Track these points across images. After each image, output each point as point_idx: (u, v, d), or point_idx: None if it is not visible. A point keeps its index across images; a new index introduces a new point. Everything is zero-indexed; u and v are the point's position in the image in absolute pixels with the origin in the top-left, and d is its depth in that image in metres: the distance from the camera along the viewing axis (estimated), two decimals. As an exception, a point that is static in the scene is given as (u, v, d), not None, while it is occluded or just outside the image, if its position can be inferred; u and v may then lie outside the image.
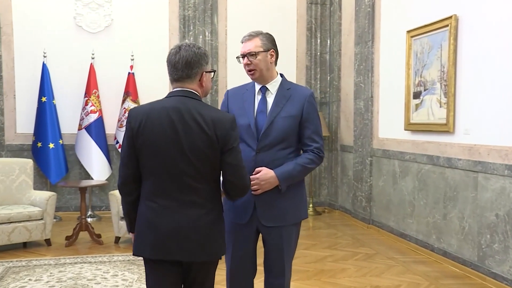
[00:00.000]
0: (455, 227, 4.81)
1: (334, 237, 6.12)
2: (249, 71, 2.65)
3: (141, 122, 2.20)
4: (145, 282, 4.18)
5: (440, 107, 4.99)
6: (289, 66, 7.81)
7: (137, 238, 2.29)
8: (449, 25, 4.83)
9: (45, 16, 7.09)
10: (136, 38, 7.30)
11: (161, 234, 2.20)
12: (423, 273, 4.65)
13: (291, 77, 7.81)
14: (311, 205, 7.54)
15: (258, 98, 2.69)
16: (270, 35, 2.70)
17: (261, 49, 2.61)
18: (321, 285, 4.35)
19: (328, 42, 7.87)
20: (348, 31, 7.23)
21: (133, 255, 2.35)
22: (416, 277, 4.56)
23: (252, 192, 2.56)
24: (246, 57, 2.62)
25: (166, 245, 2.20)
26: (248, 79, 2.76)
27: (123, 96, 7.09)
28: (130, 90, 7.08)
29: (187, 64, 2.24)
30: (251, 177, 2.52)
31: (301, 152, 2.70)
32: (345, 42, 7.39)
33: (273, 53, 2.65)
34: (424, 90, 5.28)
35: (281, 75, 2.76)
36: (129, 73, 7.12)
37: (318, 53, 7.88)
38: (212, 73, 2.37)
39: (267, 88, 2.68)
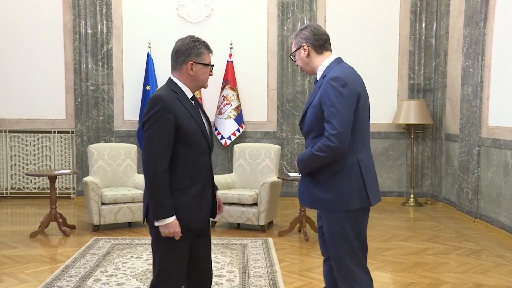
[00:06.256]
0: None
1: (436, 229, 5.77)
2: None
3: None
4: (236, 266, 4.27)
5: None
6: (391, 51, 7.51)
7: None
8: None
9: (151, 9, 7.44)
10: (235, 26, 7.39)
11: None
12: (541, 276, 4.19)
13: (393, 63, 7.51)
14: (412, 196, 7.19)
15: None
16: (302, 29, 2.65)
17: (294, 49, 2.68)
18: (416, 278, 4.11)
19: (434, 25, 7.41)
20: (458, 12, 6.75)
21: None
22: (532, 279, 4.11)
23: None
24: None
25: None
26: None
27: (222, 84, 7.24)
28: (228, 78, 7.20)
29: (174, 54, 2.53)
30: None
31: None
32: (453, 24, 6.91)
33: (305, 47, 2.62)
34: (543, 73, 4.77)
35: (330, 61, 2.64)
36: (228, 61, 7.24)
37: (423, 37, 7.45)
38: (207, 66, 2.53)
39: (317, 79, 2.70)
